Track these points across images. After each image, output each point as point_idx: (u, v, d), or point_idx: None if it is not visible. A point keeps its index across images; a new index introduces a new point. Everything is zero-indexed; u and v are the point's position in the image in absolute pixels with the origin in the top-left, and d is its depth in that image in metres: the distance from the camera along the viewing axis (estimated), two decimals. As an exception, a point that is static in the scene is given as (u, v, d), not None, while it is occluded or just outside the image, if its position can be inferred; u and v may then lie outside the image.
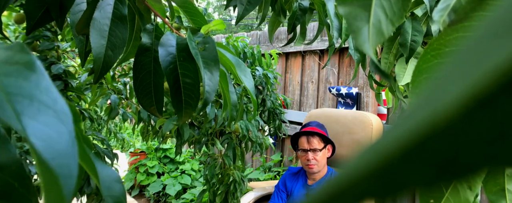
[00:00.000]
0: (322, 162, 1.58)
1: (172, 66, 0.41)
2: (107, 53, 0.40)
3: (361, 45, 0.19)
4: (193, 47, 0.40)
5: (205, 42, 0.42)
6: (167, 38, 0.42)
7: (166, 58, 0.40)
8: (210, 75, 0.40)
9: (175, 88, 0.41)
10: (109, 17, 0.40)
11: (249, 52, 1.18)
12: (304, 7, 0.70)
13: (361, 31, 0.20)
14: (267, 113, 1.46)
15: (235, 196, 1.22)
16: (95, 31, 0.39)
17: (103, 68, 0.40)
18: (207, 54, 0.41)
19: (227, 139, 1.18)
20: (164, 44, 0.41)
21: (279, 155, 2.92)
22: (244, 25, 13.12)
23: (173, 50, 0.41)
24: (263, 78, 1.21)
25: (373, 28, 0.20)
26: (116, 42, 0.41)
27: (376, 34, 0.20)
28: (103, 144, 1.09)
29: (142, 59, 0.43)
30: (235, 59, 0.45)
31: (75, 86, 0.96)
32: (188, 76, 0.41)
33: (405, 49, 0.74)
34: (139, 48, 0.43)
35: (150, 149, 3.59)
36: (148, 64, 0.43)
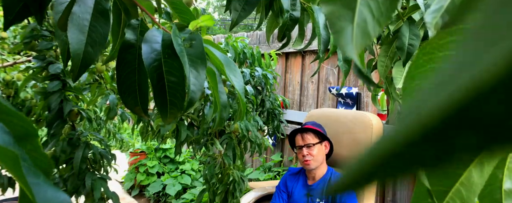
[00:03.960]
0: (319, 158, 1.59)
1: (157, 63, 0.38)
2: (87, 49, 0.37)
3: (344, 46, 0.18)
4: (178, 43, 0.38)
5: (191, 38, 0.40)
6: (152, 34, 0.40)
7: (150, 55, 0.38)
8: (196, 73, 0.38)
9: (159, 87, 0.39)
10: (90, 12, 0.38)
11: (249, 52, 1.18)
12: (295, 18, 0.70)
13: (344, 32, 0.18)
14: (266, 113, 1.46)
15: (234, 195, 1.22)
16: (73, 26, 0.37)
17: (82, 66, 0.37)
18: (193, 52, 0.39)
19: (227, 139, 1.18)
20: (149, 41, 0.39)
21: (279, 155, 2.92)
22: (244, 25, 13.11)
23: (158, 46, 0.39)
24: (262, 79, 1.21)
25: (358, 29, 0.18)
26: (96, 38, 0.38)
27: (361, 35, 0.18)
28: (101, 144, 1.09)
29: (126, 56, 0.41)
30: (224, 57, 0.43)
31: (74, 86, 0.96)
32: (173, 74, 0.39)
33: (402, 53, 0.75)
34: (123, 45, 0.41)
35: (150, 149, 3.59)
36: (132, 61, 0.41)
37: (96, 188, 0.96)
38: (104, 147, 1.06)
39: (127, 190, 3.47)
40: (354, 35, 0.18)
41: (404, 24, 0.77)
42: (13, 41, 1.26)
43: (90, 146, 0.98)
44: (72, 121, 0.98)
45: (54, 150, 0.92)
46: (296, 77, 2.83)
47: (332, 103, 2.53)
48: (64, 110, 0.91)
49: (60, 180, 0.98)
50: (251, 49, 1.20)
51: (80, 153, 0.93)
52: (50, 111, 0.91)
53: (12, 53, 1.27)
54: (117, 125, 2.38)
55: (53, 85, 0.91)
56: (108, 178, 1.05)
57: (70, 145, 0.94)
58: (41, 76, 0.96)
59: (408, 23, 0.77)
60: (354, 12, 0.18)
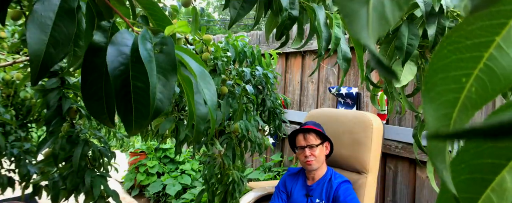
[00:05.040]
0: (320, 159, 1.59)
1: (123, 68, 0.35)
2: (48, 50, 0.35)
3: (357, 33, 0.15)
4: (146, 48, 0.35)
5: (162, 43, 0.37)
6: (122, 37, 0.37)
7: (116, 58, 0.35)
8: (165, 81, 0.35)
9: (123, 93, 0.36)
10: (54, 10, 0.36)
11: (249, 51, 1.18)
12: (294, 16, 0.69)
13: (358, 16, 0.15)
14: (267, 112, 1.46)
15: (233, 196, 1.22)
16: (33, 25, 0.34)
17: (43, 68, 0.35)
18: (163, 58, 0.36)
19: (227, 139, 1.17)
20: (117, 43, 0.36)
21: (279, 155, 2.92)
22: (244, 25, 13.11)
23: (126, 50, 0.36)
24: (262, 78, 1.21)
25: (374, 12, 0.15)
26: (60, 38, 0.36)
27: (377, 20, 0.15)
28: (101, 142, 1.09)
29: (93, 60, 0.38)
30: (200, 69, 0.40)
31: (72, 84, 0.96)
32: (140, 80, 0.35)
33: (401, 52, 0.74)
34: (90, 48, 0.38)
35: (150, 149, 3.59)
36: (100, 66, 0.38)
37: (95, 185, 0.96)
38: (103, 145, 1.06)
39: (127, 190, 3.47)
40: (370, 19, 0.15)
41: (403, 24, 0.77)
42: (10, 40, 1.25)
43: (90, 143, 0.98)
44: (71, 118, 0.98)
45: (53, 148, 0.91)
46: (296, 77, 2.83)
47: (332, 103, 2.53)
48: (63, 107, 0.91)
49: (59, 178, 0.98)
50: (251, 48, 1.20)
51: (80, 151, 0.93)
52: (48, 108, 0.91)
53: (12, 53, 1.27)
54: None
55: (52, 83, 0.91)
56: (108, 175, 1.05)
57: (69, 143, 0.94)
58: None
59: (407, 22, 0.77)
60: None
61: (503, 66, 0.18)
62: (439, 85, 0.18)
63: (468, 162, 0.19)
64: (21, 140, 1.43)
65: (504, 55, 0.18)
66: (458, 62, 0.18)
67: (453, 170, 0.19)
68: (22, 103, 1.38)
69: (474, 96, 0.18)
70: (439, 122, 0.19)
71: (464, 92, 0.18)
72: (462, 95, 0.18)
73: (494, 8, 0.17)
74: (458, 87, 0.18)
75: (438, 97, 0.19)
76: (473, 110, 0.18)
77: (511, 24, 0.17)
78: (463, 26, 0.17)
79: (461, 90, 0.18)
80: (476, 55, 0.18)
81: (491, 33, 0.17)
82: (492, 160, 0.18)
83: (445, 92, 0.18)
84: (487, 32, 0.17)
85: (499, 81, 0.18)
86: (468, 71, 0.18)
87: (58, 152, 0.90)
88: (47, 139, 0.92)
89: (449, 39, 0.18)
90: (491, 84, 0.18)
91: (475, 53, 0.18)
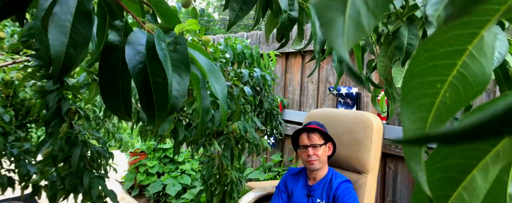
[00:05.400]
0: (323, 159, 1.59)
1: (141, 66, 0.37)
2: (68, 51, 0.36)
3: (333, 41, 0.16)
4: (161, 48, 0.37)
5: (176, 42, 0.39)
6: (136, 36, 0.39)
7: (134, 57, 0.37)
8: (179, 78, 0.37)
9: (145, 89, 0.38)
10: (72, 12, 0.37)
11: (248, 53, 1.18)
12: (293, 18, 0.69)
13: (334, 24, 0.16)
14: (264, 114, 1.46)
15: (232, 196, 1.22)
16: (54, 27, 0.36)
17: (64, 69, 0.36)
18: (177, 56, 0.38)
19: (225, 139, 1.17)
20: (133, 42, 0.38)
21: (279, 155, 2.92)
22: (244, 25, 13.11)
23: (142, 48, 0.38)
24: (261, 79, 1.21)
25: (350, 21, 0.16)
26: (78, 39, 0.37)
27: (353, 28, 0.16)
28: (99, 143, 1.09)
29: (109, 58, 0.40)
30: (209, 63, 0.42)
31: (71, 85, 0.96)
32: (159, 76, 0.37)
33: (401, 52, 0.74)
34: (105, 47, 0.40)
35: (150, 149, 3.59)
36: (116, 63, 0.40)
37: (93, 186, 0.96)
38: (102, 146, 1.06)
39: (127, 190, 3.47)
40: (346, 28, 0.16)
41: (403, 24, 0.77)
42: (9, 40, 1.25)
43: (88, 144, 0.98)
44: (70, 119, 0.98)
45: (52, 149, 0.92)
46: (296, 77, 2.83)
47: (332, 103, 2.53)
48: (62, 108, 0.91)
49: (58, 178, 0.98)
50: (250, 49, 1.20)
51: (78, 152, 0.93)
52: (48, 109, 0.91)
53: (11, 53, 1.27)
54: (116, 124, 2.38)
55: (51, 84, 0.91)
56: (106, 176, 1.05)
57: (68, 144, 0.94)
58: (39, 74, 0.95)
59: (407, 23, 0.77)
60: (346, 1, 0.16)
61: (475, 74, 0.19)
62: (416, 89, 0.19)
63: (441, 162, 0.20)
64: (21, 140, 1.43)
65: (476, 63, 0.19)
66: (434, 69, 0.19)
67: (428, 170, 0.20)
68: (22, 103, 1.38)
69: (448, 102, 0.19)
70: (415, 125, 0.19)
71: (439, 98, 0.19)
72: (437, 100, 0.19)
73: (466, 18, 0.17)
74: (433, 92, 0.19)
75: (415, 101, 0.19)
76: (448, 115, 0.19)
77: (482, 34, 0.18)
78: (438, 34, 0.18)
79: (436, 95, 0.19)
80: (450, 63, 0.19)
81: (464, 42, 0.18)
82: (463, 160, 0.20)
83: (421, 96, 0.19)
84: (460, 41, 0.18)
85: (472, 88, 0.19)
86: (442, 77, 0.19)
87: (57, 153, 0.90)
88: (46, 140, 0.93)
89: (425, 46, 0.18)
90: (464, 90, 0.19)
91: (449, 60, 0.19)
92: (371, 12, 0.17)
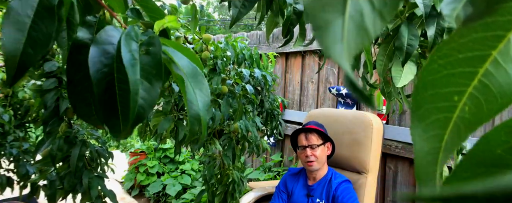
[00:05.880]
0: (322, 159, 1.58)
1: (107, 69, 0.32)
2: (26, 50, 0.32)
3: (330, 48, 0.13)
4: (130, 49, 0.32)
5: (149, 43, 0.33)
6: (107, 34, 0.34)
7: (99, 59, 0.32)
8: (148, 86, 0.32)
9: (107, 97, 0.33)
10: (33, 7, 0.33)
11: (248, 54, 1.17)
12: (299, 11, 0.67)
13: (331, 28, 0.13)
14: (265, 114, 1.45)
15: (234, 196, 1.21)
16: (10, 24, 0.32)
17: (20, 69, 0.33)
18: (148, 60, 0.32)
19: (226, 139, 1.17)
20: (101, 42, 0.33)
21: (279, 155, 2.91)
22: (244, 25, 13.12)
23: (111, 49, 0.33)
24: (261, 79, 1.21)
25: (351, 23, 0.13)
26: (38, 38, 0.33)
27: (355, 32, 0.13)
28: (99, 143, 1.08)
29: (78, 58, 0.35)
30: (191, 66, 0.36)
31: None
32: (126, 82, 0.32)
33: (401, 53, 0.74)
34: (73, 45, 0.36)
35: (150, 149, 3.59)
36: (86, 65, 0.35)
37: (93, 186, 0.95)
38: (101, 145, 1.06)
39: (127, 190, 3.47)
40: (345, 31, 0.13)
41: (403, 24, 0.77)
42: None
43: (87, 144, 0.98)
44: (68, 118, 0.97)
45: (50, 148, 0.91)
46: (296, 77, 2.82)
47: (332, 103, 2.53)
48: (60, 107, 0.90)
49: (57, 178, 0.98)
50: (249, 50, 1.20)
51: (77, 151, 0.92)
52: (46, 108, 0.90)
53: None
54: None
55: (49, 83, 0.90)
56: (105, 176, 1.04)
57: (67, 143, 0.93)
58: (37, 73, 0.95)
59: (406, 23, 0.77)
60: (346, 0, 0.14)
61: (500, 84, 0.16)
62: (429, 102, 0.17)
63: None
64: (20, 140, 1.42)
65: (501, 71, 0.16)
66: (450, 78, 0.16)
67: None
68: (21, 102, 1.38)
69: (467, 116, 0.16)
70: (429, 144, 0.17)
71: (456, 112, 0.17)
72: (454, 115, 0.17)
73: (490, 18, 0.15)
74: (450, 105, 0.17)
75: (428, 116, 0.17)
76: (467, 132, 0.17)
77: (509, 37, 0.15)
78: (455, 38, 0.15)
79: (453, 109, 0.17)
80: (469, 71, 0.16)
81: (487, 47, 0.15)
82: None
83: (436, 110, 0.17)
84: (482, 45, 0.15)
85: (496, 101, 0.16)
86: (460, 88, 0.16)
87: (56, 153, 0.89)
88: (45, 140, 0.92)
89: (440, 52, 0.16)
90: (487, 103, 0.16)
91: (468, 68, 0.16)
92: (378, 12, 0.14)
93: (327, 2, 0.14)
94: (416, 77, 0.83)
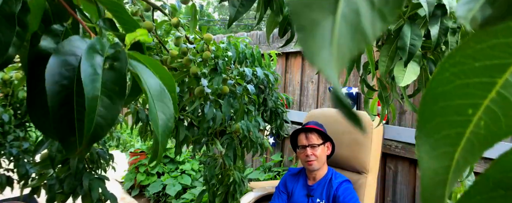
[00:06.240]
0: (322, 159, 1.58)
1: (66, 82, 0.30)
2: None
3: (314, 54, 0.11)
4: (92, 63, 0.29)
5: (115, 58, 0.31)
6: (71, 45, 0.31)
7: (58, 70, 0.30)
8: (109, 103, 0.29)
9: (63, 112, 0.30)
10: None
11: (249, 52, 1.17)
12: None
13: (318, 29, 0.11)
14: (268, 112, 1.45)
15: (235, 197, 1.21)
16: None
17: None
18: (112, 76, 0.30)
19: (228, 139, 1.17)
20: (63, 52, 0.31)
21: (279, 155, 2.91)
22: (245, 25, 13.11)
23: (74, 61, 0.31)
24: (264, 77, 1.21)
25: (344, 24, 0.11)
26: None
27: (349, 35, 0.11)
28: (99, 144, 1.08)
29: (39, 70, 0.32)
30: (159, 87, 0.34)
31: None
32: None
33: (404, 53, 0.73)
34: (33, 55, 0.33)
35: (150, 149, 3.58)
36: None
37: (93, 188, 0.94)
38: (101, 147, 1.05)
39: (127, 190, 3.46)
40: (336, 34, 0.11)
41: (405, 24, 0.77)
42: None
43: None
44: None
45: (49, 150, 0.90)
46: (296, 77, 2.82)
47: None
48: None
49: (57, 181, 0.97)
50: (250, 49, 1.20)
51: (77, 153, 0.92)
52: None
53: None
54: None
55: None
56: (106, 178, 1.04)
57: (67, 145, 0.92)
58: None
59: (409, 22, 0.76)
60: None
61: None
62: (439, 116, 0.15)
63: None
64: (20, 140, 1.42)
65: None
66: (464, 89, 0.14)
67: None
68: (21, 102, 1.38)
69: (483, 132, 0.15)
70: (438, 163, 0.15)
71: (470, 127, 0.15)
72: (467, 130, 0.15)
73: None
74: (463, 120, 0.15)
75: (437, 131, 0.15)
76: (481, 149, 0.15)
77: None
78: (470, 43, 0.14)
79: (466, 124, 0.15)
80: (486, 81, 0.14)
81: (508, 55, 0.13)
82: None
83: (446, 125, 0.15)
84: (502, 53, 0.13)
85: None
86: (476, 100, 0.14)
87: (55, 154, 0.88)
88: (44, 141, 0.91)
89: (453, 59, 0.14)
90: (506, 118, 0.14)
91: (485, 78, 0.14)
92: (377, 12, 0.12)
93: (314, 0, 0.11)
94: (424, 89, 0.83)
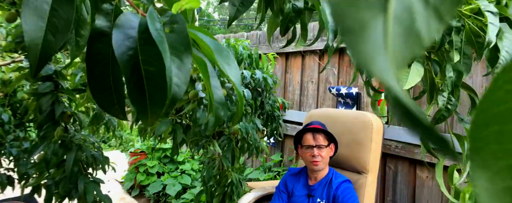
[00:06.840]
0: (326, 160, 1.59)
1: (132, 52, 0.32)
2: (47, 38, 0.31)
3: (368, 58, 0.09)
4: (156, 28, 0.31)
5: (172, 21, 0.33)
6: (127, 19, 0.33)
7: (123, 42, 0.32)
8: (179, 62, 0.31)
9: (135, 80, 0.32)
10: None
11: (246, 54, 1.17)
12: (298, 8, 0.63)
13: (368, 30, 0.10)
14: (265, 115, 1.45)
15: (232, 198, 1.21)
16: (29, 10, 0.30)
17: (42, 58, 0.31)
18: (175, 37, 0.32)
19: (226, 140, 1.16)
20: (122, 26, 0.33)
21: (279, 155, 2.91)
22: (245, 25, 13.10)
23: (133, 32, 0.33)
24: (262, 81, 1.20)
25: (397, 25, 0.10)
26: (59, 24, 0.32)
27: (403, 37, 0.10)
28: (94, 147, 1.07)
29: (97, 46, 0.34)
30: (215, 44, 0.36)
31: (66, 88, 0.94)
32: (152, 63, 0.31)
33: None
34: (92, 34, 0.35)
35: (150, 148, 3.58)
36: (105, 53, 0.34)
37: (88, 191, 0.93)
38: (96, 150, 1.04)
39: (127, 190, 3.47)
40: (390, 37, 0.10)
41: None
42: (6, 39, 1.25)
43: (83, 148, 0.96)
44: (65, 123, 0.96)
45: (45, 153, 0.90)
46: (296, 77, 2.82)
47: (332, 103, 2.52)
48: (56, 112, 0.88)
49: (52, 183, 0.96)
50: (249, 50, 1.19)
51: (72, 156, 0.90)
52: (41, 112, 0.88)
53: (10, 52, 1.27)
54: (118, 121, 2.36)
55: (44, 87, 0.88)
56: (101, 181, 1.03)
57: (62, 148, 0.91)
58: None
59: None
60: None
61: None
62: (494, 142, 0.12)
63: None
64: (20, 139, 1.42)
65: None
66: None
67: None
68: (20, 102, 1.38)
69: None
70: (499, 200, 0.12)
71: None
72: None
73: None
74: None
75: (494, 162, 0.12)
76: None
77: None
78: None
79: None
80: None
81: None
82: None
83: (504, 154, 0.12)
84: None
85: None
86: None
87: (51, 157, 0.88)
88: (39, 144, 0.91)
89: (508, 74, 0.11)
90: None
91: None
92: (433, 10, 0.10)
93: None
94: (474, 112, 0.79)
